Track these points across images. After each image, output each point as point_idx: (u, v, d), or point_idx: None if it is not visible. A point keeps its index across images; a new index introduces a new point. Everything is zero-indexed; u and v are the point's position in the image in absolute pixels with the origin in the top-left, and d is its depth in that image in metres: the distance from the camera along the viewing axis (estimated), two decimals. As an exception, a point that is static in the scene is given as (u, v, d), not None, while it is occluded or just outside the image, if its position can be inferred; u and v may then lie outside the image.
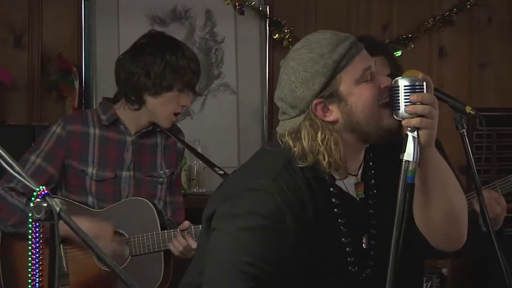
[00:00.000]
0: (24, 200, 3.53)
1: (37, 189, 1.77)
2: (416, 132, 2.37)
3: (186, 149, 3.85)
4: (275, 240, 2.40)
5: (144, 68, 3.59)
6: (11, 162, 1.82)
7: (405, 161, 2.34)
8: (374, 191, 2.58)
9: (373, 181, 2.58)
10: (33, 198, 1.78)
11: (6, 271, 3.68)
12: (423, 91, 2.40)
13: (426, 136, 2.38)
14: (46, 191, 1.77)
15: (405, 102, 2.39)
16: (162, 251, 3.57)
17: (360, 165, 2.56)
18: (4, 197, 3.55)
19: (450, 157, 3.69)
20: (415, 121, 2.37)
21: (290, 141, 2.45)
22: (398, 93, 2.40)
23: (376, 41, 3.43)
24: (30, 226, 1.80)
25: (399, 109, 2.40)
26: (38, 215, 1.77)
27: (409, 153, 2.35)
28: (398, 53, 5.14)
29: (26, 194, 3.52)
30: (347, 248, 2.50)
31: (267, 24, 5.00)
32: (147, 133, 3.71)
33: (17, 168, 1.81)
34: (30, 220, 1.79)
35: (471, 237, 2.96)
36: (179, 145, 3.80)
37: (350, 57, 2.43)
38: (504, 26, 5.35)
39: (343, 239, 2.50)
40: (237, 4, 4.97)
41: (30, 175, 1.74)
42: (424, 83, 2.41)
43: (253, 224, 2.40)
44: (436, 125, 2.40)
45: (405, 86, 2.40)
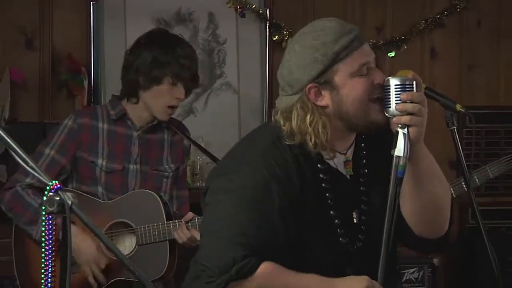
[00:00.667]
0: (40, 200, 3.53)
1: (50, 184, 1.77)
2: (406, 129, 2.38)
3: (192, 146, 3.86)
4: (265, 212, 2.43)
5: (134, 63, 3.61)
6: (25, 158, 1.82)
7: (396, 157, 2.36)
8: (365, 170, 2.60)
9: (365, 161, 2.60)
10: (46, 192, 1.78)
11: (19, 262, 3.68)
12: (413, 90, 2.42)
13: (416, 133, 2.41)
14: (59, 185, 1.77)
15: (396, 100, 2.41)
16: (168, 241, 3.58)
17: (351, 145, 2.57)
18: (21, 195, 3.56)
19: (442, 153, 3.70)
20: (406, 119, 2.39)
21: (281, 120, 2.47)
22: (389, 92, 2.42)
23: None
24: (44, 219, 1.80)
25: (390, 107, 2.41)
26: (51, 208, 1.77)
27: (400, 149, 2.37)
28: (392, 54, 5.15)
29: (43, 190, 3.52)
30: (336, 221, 2.52)
31: (267, 26, 5.00)
32: (153, 129, 3.71)
33: (31, 163, 1.81)
34: (43, 213, 1.79)
35: None
36: (186, 142, 3.80)
37: (350, 50, 2.44)
38: (493, 29, 5.35)
39: (332, 212, 2.52)
40: (239, 7, 4.97)
41: (45, 167, 1.74)
42: (414, 83, 2.43)
43: (243, 197, 2.44)
44: (425, 123, 2.42)
45: (396, 85, 2.41)
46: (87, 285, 3.58)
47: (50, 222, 1.80)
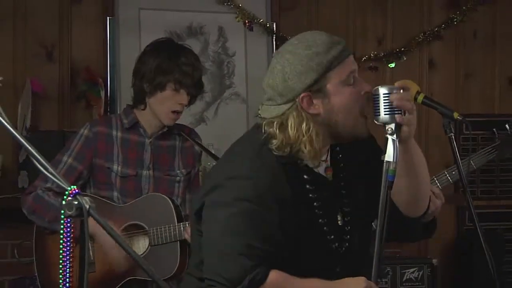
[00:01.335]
0: (60, 200, 3.53)
1: (69, 188, 1.77)
2: (395, 135, 2.38)
3: (205, 153, 3.86)
4: (263, 221, 2.41)
5: (141, 70, 3.62)
6: (46, 164, 1.82)
7: (387, 162, 2.37)
8: (344, 173, 2.60)
9: (342, 165, 2.60)
10: (65, 197, 1.78)
11: (40, 263, 3.69)
12: None
13: (408, 131, 2.41)
14: (77, 190, 1.77)
15: (385, 108, 2.41)
16: (178, 242, 3.58)
17: (328, 151, 2.57)
18: (42, 196, 3.57)
19: (440, 158, 3.69)
20: (399, 119, 2.39)
21: (277, 131, 2.44)
22: (378, 100, 2.42)
23: None
24: (62, 222, 1.80)
25: (379, 115, 2.42)
26: (70, 212, 1.77)
27: (390, 155, 2.38)
28: (392, 65, 5.15)
29: (62, 194, 3.53)
30: (325, 228, 2.52)
31: (274, 39, 5.00)
32: (165, 136, 3.71)
33: (51, 170, 1.82)
34: (62, 217, 1.79)
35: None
36: (196, 148, 3.81)
37: (341, 60, 2.44)
38: (488, 41, 5.35)
39: (320, 220, 2.51)
40: (247, 22, 4.97)
41: (63, 174, 1.74)
42: (401, 91, 2.43)
43: (241, 209, 2.40)
44: (415, 120, 2.42)
45: (384, 94, 2.42)
46: (103, 284, 3.58)
47: (69, 225, 1.80)
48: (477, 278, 4.76)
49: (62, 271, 1.83)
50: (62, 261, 1.83)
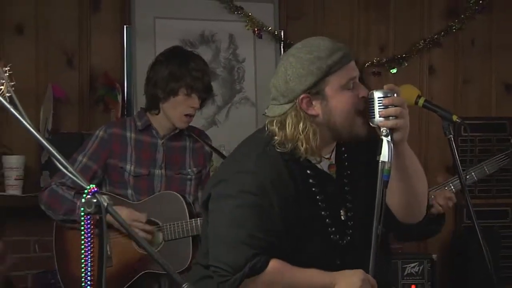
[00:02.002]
0: (73, 193, 3.56)
1: (88, 187, 1.78)
2: (390, 137, 2.38)
3: (214, 152, 3.87)
4: (265, 213, 2.42)
5: (154, 78, 3.63)
6: (66, 164, 1.83)
7: (382, 162, 2.37)
8: (348, 172, 2.60)
9: (346, 163, 2.60)
10: (84, 195, 1.78)
11: (59, 257, 3.69)
12: None
13: (401, 134, 2.41)
14: (96, 189, 1.77)
15: (379, 110, 2.41)
16: (191, 237, 3.58)
17: (333, 150, 2.57)
18: (56, 190, 3.59)
19: (440, 159, 3.68)
20: (391, 123, 2.39)
21: (276, 129, 2.46)
22: (373, 104, 2.42)
23: None
24: (82, 219, 1.81)
25: (374, 117, 2.43)
26: (89, 209, 1.77)
27: (384, 155, 2.38)
28: (394, 71, 5.14)
29: (75, 189, 3.56)
30: (327, 220, 2.52)
31: (282, 46, 5.00)
32: (176, 137, 3.72)
33: (71, 169, 1.82)
34: (82, 214, 1.79)
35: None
36: (207, 148, 3.81)
37: (341, 65, 2.45)
38: (485, 48, 5.33)
39: (323, 213, 2.52)
40: (256, 30, 4.97)
41: (78, 172, 1.74)
42: (395, 94, 2.43)
43: (245, 202, 2.42)
44: (408, 124, 2.42)
45: (379, 97, 2.42)
46: (120, 278, 3.58)
47: (88, 222, 1.80)
48: (475, 272, 4.75)
49: (84, 267, 1.84)
50: (84, 257, 1.84)
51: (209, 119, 4.92)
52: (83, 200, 1.78)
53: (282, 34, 5.00)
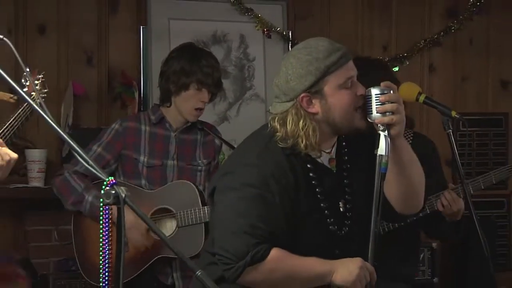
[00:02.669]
0: (83, 185, 3.57)
1: (107, 179, 1.78)
2: (387, 132, 2.38)
3: (224, 145, 3.88)
4: (267, 204, 2.42)
5: (166, 73, 3.64)
6: (86, 157, 1.83)
7: (379, 155, 2.37)
8: (348, 165, 2.59)
9: (346, 157, 2.60)
10: (103, 187, 1.79)
11: (78, 245, 3.71)
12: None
13: (397, 129, 2.41)
14: (114, 181, 1.77)
15: (377, 106, 2.40)
16: (203, 223, 3.58)
17: (334, 144, 2.57)
18: (68, 180, 3.61)
19: (440, 153, 3.68)
20: (388, 119, 2.38)
21: (278, 125, 2.46)
22: (371, 100, 2.42)
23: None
24: (101, 210, 1.81)
25: (372, 113, 2.42)
26: (108, 200, 1.78)
27: (382, 149, 2.38)
28: (396, 69, 5.13)
29: (88, 176, 3.57)
30: (326, 211, 2.52)
31: (290, 46, 4.99)
32: (188, 130, 3.73)
33: (91, 162, 1.82)
34: (101, 204, 1.80)
35: (440, 226, 3.19)
36: (217, 141, 3.82)
37: (339, 65, 2.44)
38: (482, 47, 5.32)
39: (322, 204, 2.51)
40: (266, 30, 4.97)
41: (92, 161, 1.74)
42: (391, 91, 2.42)
43: (247, 194, 2.42)
44: (404, 120, 2.42)
45: (376, 94, 2.42)
46: (135, 263, 3.59)
47: (107, 212, 1.80)
48: (473, 260, 4.74)
49: (102, 254, 1.84)
50: (102, 245, 1.85)
51: (221, 115, 4.92)
52: (102, 192, 1.78)
53: (290, 34, 5.00)
